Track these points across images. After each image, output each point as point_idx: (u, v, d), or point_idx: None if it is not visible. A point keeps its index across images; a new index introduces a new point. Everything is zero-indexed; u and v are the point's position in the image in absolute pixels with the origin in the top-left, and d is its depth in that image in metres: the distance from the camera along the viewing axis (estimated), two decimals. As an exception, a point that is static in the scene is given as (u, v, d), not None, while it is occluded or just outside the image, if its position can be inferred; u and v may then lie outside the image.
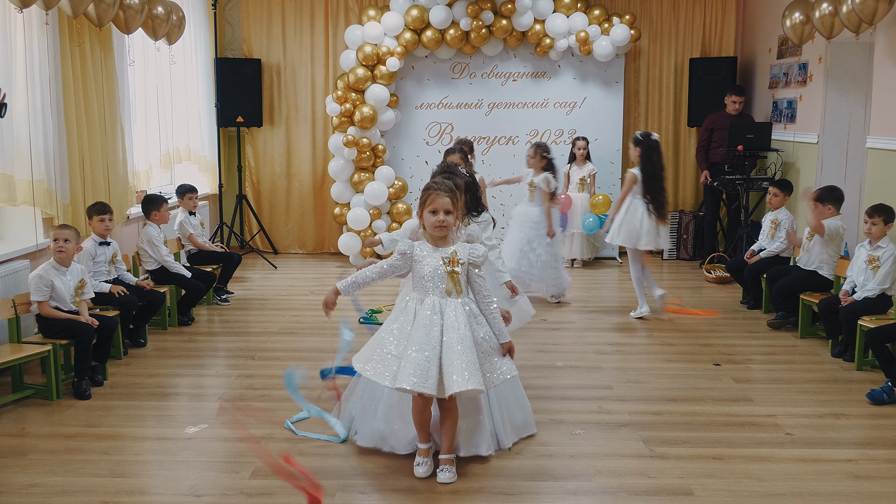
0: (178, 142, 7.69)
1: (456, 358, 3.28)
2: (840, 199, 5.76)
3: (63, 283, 4.68)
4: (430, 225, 3.41)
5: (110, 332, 4.84)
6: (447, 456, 3.51)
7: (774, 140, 7.96)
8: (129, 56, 6.60)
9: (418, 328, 3.36)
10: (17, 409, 4.34)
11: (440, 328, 3.34)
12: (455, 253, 3.40)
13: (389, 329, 3.46)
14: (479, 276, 3.45)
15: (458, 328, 3.32)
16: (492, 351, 3.41)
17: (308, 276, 7.97)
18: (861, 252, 5.19)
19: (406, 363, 3.31)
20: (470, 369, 3.26)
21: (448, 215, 3.38)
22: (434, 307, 3.38)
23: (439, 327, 3.34)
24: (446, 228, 3.40)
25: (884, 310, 5.01)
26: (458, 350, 3.28)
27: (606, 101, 8.56)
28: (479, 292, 3.46)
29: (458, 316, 3.35)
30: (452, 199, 3.38)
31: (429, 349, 3.31)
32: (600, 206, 8.15)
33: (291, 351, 5.45)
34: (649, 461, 3.68)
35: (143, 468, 3.62)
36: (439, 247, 3.43)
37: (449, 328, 3.33)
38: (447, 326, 3.34)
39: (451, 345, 3.30)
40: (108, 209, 5.34)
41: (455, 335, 3.31)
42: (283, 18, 8.71)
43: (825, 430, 4.06)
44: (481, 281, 3.46)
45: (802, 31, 6.86)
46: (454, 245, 3.44)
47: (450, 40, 8.13)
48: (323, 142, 8.77)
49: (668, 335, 5.81)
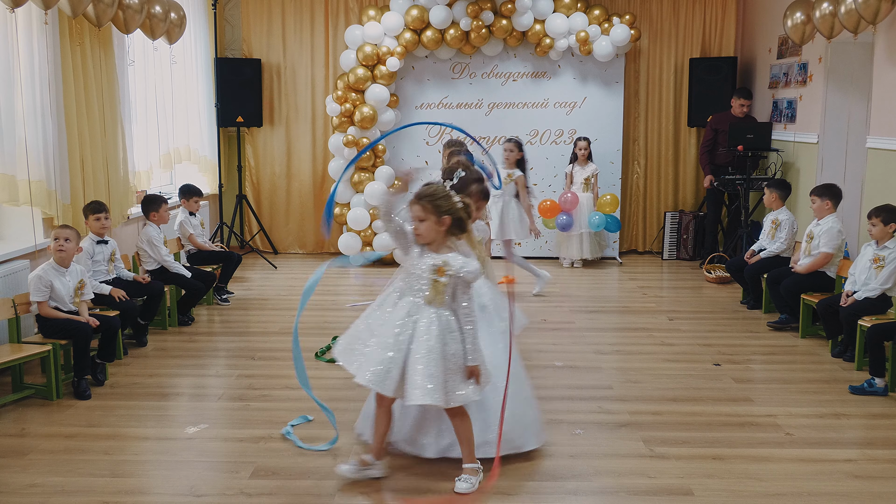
0: (178, 142, 7.69)
1: (420, 368, 3.20)
2: (838, 195, 5.79)
3: (62, 283, 4.68)
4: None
5: (113, 332, 4.84)
6: (469, 465, 3.41)
7: (774, 140, 7.96)
8: (130, 56, 6.61)
9: (388, 325, 3.31)
10: (17, 409, 4.34)
11: (410, 334, 3.26)
12: (445, 263, 3.28)
13: (367, 321, 3.45)
14: (466, 295, 3.29)
15: (427, 339, 3.22)
16: (459, 369, 3.27)
17: (308, 276, 7.92)
18: (867, 251, 5.19)
19: (367, 358, 3.28)
20: (433, 382, 3.19)
21: (421, 223, 3.28)
22: (410, 311, 3.30)
23: (410, 332, 3.26)
24: (421, 237, 3.30)
25: (884, 310, 5.01)
26: (422, 362, 3.20)
27: (606, 101, 8.56)
28: (459, 310, 3.30)
29: (430, 327, 3.24)
30: (424, 206, 3.25)
31: (394, 350, 3.25)
32: (608, 206, 8.15)
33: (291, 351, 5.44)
34: (649, 461, 3.68)
35: (143, 468, 3.62)
36: (433, 251, 3.32)
37: (419, 337, 3.24)
38: (417, 335, 3.25)
39: (417, 355, 3.22)
40: (104, 208, 5.33)
41: (423, 346, 3.22)
42: (283, 18, 8.72)
43: (825, 430, 4.06)
44: (466, 301, 3.29)
45: (803, 30, 6.87)
46: (449, 254, 3.29)
47: (450, 40, 8.13)
48: (323, 142, 8.77)
49: (668, 335, 5.81)
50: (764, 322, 6.14)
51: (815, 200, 5.81)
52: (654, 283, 7.67)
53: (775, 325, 5.97)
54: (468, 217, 3.35)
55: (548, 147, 8.62)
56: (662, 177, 9.00)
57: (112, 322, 4.85)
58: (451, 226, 3.29)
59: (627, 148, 8.90)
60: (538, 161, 8.63)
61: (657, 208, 9.04)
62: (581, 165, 8.24)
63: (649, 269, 8.36)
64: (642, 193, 9.06)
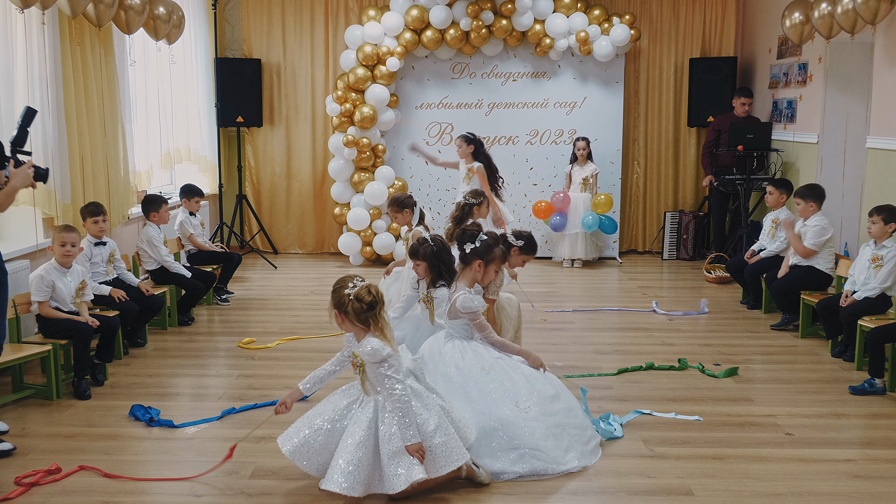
0: (178, 142, 7.69)
1: (344, 452, 3.16)
2: (822, 196, 5.90)
3: (64, 284, 4.68)
4: None
5: (113, 332, 4.84)
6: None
7: (774, 140, 7.97)
8: (130, 56, 6.61)
9: (333, 397, 3.35)
10: (17, 409, 4.34)
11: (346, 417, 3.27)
12: (354, 355, 3.25)
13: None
14: (380, 373, 3.18)
15: (360, 424, 3.20)
16: (399, 451, 3.16)
17: (308, 276, 7.97)
18: (866, 251, 5.20)
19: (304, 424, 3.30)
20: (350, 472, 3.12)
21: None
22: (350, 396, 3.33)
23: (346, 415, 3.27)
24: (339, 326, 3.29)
25: (883, 310, 5.02)
26: (350, 446, 3.16)
27: (606, 101, 8.56)
28: (382, 390, 3.22)
29: (363, 413, 3.23)
30: (333, 296, 3.21)
31: (329, 423, 3.26)
32: (602, 206, 8.16)
33: (291, 351, 5.45)
34: (649, 461, 3.68)
35: (143, 468, 3.62)
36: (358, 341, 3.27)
37: (353, 422, 3.23)
38: (352, 419, 3.25)
39: (347, 436, 3.20)
40: (102, 210, 5.31)
41: (357, 430, 3.19)
42: (283, 18, 8.71)
43: (825, 430, 4.06)
44: (380, 378, 3.19)
45: (802, 31, 6.87)
46: (365, 340, 3.20)
47: (450, 40, 8.13)
48: (323, 142, 8.77)
49: (668, 335, 5.81)
50: (764, 322, 6.14)
51: (800, 203, 5.93)
52: (654, 283, 7.66)
53: (777, 326, 5.99)
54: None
55: (548, 147, 8.62)
56: (662, 177, 9.00)
57: (112, 322, 4.84)
58: (348, 318, 3.18)
59: (627, 148, 8.90)
60: (538, 161, 8.64)
61: (657, 208, 9.04)
62: (580, 165, 8.24)
63: (649, 269, 8.36)
64: (642, 193, 9.06)
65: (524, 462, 3.49)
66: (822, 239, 5.76)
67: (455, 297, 3.79)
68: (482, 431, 3.51)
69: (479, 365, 3.71)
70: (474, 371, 3.68)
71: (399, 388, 3.17)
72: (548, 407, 3.64)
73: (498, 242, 4.02)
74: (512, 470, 3.48)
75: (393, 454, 3.17)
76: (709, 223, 8.77)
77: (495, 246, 3.95)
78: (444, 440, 3.23)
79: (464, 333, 3.83)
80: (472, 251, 3.89)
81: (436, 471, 3.23)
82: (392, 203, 5.42)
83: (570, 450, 3.59)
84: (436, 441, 3.21)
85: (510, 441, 3.51)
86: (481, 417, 3.54)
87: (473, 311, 3.76)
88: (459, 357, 3.74)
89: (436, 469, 3.23)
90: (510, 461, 3.49)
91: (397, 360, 3.22)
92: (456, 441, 3.27)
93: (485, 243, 3.91)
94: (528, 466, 3.48)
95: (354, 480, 3.13)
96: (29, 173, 3.80)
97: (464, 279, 3.90)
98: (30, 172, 3.81)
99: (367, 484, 3.19)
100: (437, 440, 3.22)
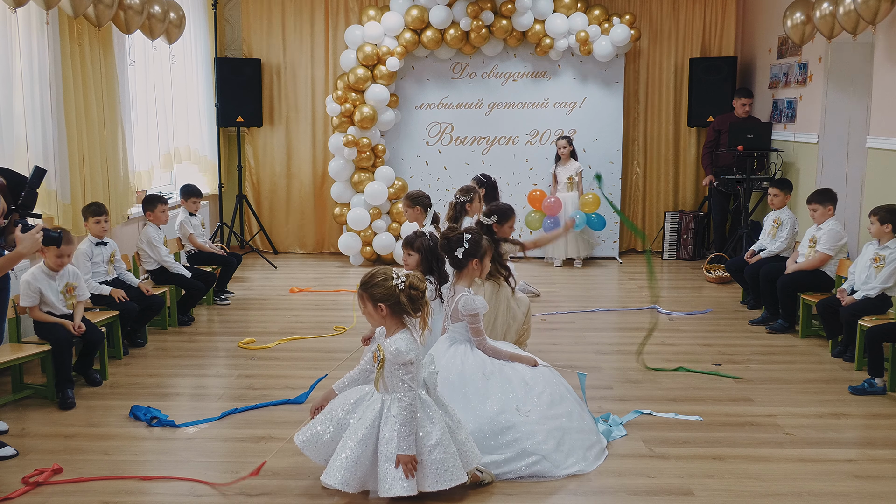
0: (178, 142, 7.69)
1: (346, 447, 3.18)
2: (835, 198, 5.83)
3: (51, 287, 4.61)
4: None
5: (94, 346, 4.68)
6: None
7: (774, 140, 7.96)
8: (130, 56, 6.61)
9: (346, 395, 3.37)
10: (17, 409, 4.34)
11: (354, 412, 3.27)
12: (379, 348, 3.24)
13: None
14: (396, 374, 3.18)
15: (364, 422, 3.20)
16: (391, 457, 3.16)
17: (308, 276, 7.97)
18: (868, 250, 5.19)
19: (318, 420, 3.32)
20: (348, 468, 3.14)
21: (364, 310, 3.25)
22: (361, 391, 3.33)
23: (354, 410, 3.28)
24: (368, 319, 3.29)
25: (883, 310, 5.01)
26: (351, 442, 3.18)
27: (606, 101, 8.56)
28: (393, 392, 3.23)
29: (369, 411, 3.23)
30: (360, 294, 3.22)
31: (338, 417, 3.27)
32: (590, 205, 8.15)
33: (291, 351, 5.45)
34: (649, 461, 3.68)
35: (143, 468, 3.62)
36: (388, 337, 3.25)
37: (358, 419, 3.24)
38: (358, 415, 3.25)
39: (350, 432, 3.21)
40: (104, 210, 5.31)
41: (359, 427, 3.20)
42: (283, 18, 8.71)
43: (825, 430, 4.06)
44: (395, 380, 3.20)
45: (803, 31, 6.87)
46: (393, 337, 3.20)
47: (450, 40, 8.13)
48: (323, 142, 8.77)
49: (668, 335, 5.81)
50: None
51: (817, 208, 5.76)
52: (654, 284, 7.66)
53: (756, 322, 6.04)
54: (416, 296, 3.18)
55: (548, 147, 8.61)
56: (662, 177, 9.00)
57: (94, 337, 4.66)
58: (393, 311, 3.18)
59: (627, 148, 8.90)
60: (538, 161, 8.64)
61: (657, 208, 9.04)
62: (563, 165, 8.24)
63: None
64: (642, 193, 9.06)
65: (524, 461, 3.49)
66: (839, 243, 5.68)
67: (457, 298, 3.79)
68: (483, 433, 3.51)
69: (480, 369, 3.71)
70: (475, 375, 3.68)
71: (409, 397, 3.17)
72: (548, 411, 3.64)
73: (481, 234, 4.06)
74: (513, 469, 3.47)
75: (390, 457, 3.18)
76: (709, 223, 8.78)
77: (482, 239, 3.98)
78: (441, 458, 3.20)
79: (466, 336, 3.83)
80: (464, 254, 3.90)
81: (425, 486, 3.20)
82: (407, 196, 5.63)
83: (571, 454, 3.58)
84: (433, 456, 3.19)
85: (511, 444, 3.51)
86: (481, 421, 3.54)
87: (475, 312, 3.76)
88: (460, 361, 3.74)
89: (425, 484, 3.20)
90: (511, 462, 3.49)
91: (416, 369, 3.22)
92: (454, 461, 3.24)
93: (472, 242, 3.93)
94: (528, 468, 3.48)
95: (350, 476, 3.16)
96: (38, 238, 3.49)
97: (463, 281, 3.91)
98: (38, 237, 3.49)
99: (362, 481, 3.21)
100: (434, 456, 3.20)
